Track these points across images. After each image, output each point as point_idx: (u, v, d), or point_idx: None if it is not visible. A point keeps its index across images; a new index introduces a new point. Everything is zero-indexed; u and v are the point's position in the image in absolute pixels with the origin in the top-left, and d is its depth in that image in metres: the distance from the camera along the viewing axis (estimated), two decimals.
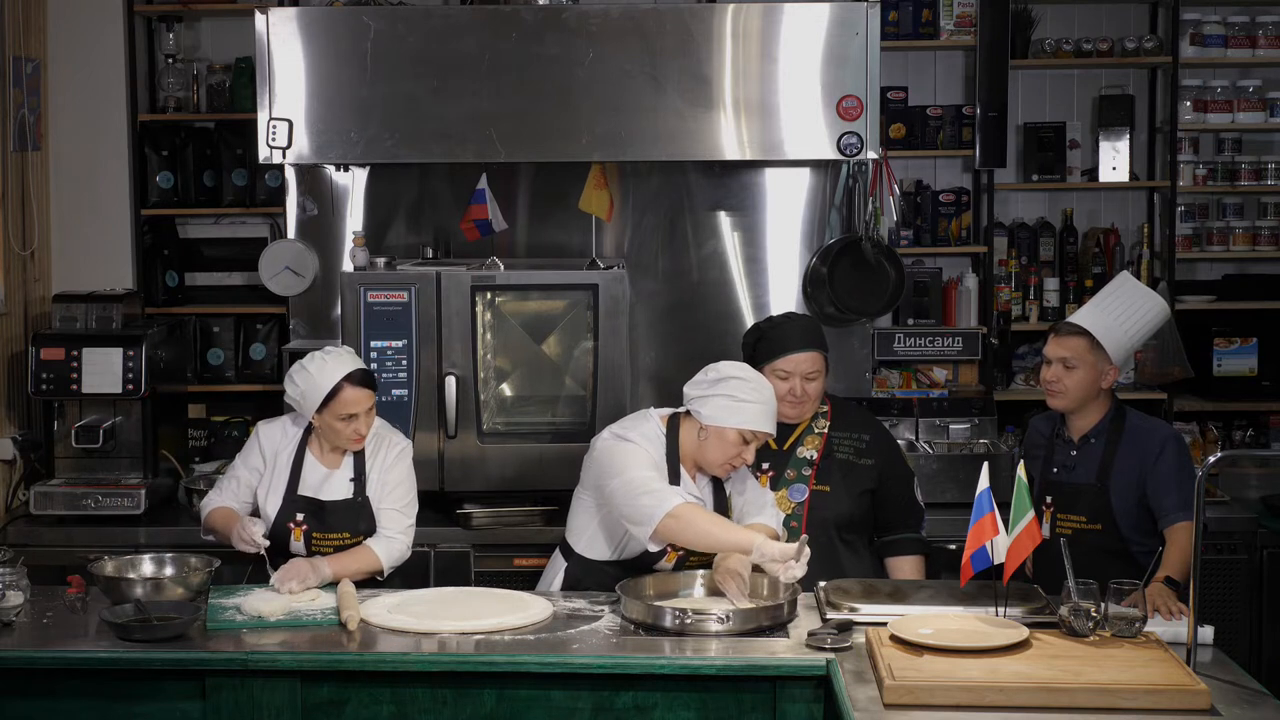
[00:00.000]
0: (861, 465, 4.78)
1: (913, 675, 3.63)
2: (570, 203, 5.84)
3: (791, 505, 4.68)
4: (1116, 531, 4.48)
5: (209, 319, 6.29)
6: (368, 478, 4.64)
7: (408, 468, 4.71)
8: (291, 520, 4.59)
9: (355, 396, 4.54)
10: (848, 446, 4.80)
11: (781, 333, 4.78)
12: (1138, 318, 4.56)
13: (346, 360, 4.59)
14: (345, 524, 4.60)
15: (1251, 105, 6.39)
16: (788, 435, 4.76)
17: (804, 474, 4.72)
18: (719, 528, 4.30)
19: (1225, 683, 3.73)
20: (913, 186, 6.44)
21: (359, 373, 4.57)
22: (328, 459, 4.66)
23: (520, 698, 3.98)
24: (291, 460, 4.65)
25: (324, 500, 4.61)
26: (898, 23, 6.27)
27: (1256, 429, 6.48)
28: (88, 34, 6.14)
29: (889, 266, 5.80)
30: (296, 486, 4.62)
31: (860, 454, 4.79)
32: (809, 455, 4.75)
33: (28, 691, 4.02)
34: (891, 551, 4.82)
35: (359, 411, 4.55)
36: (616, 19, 5.46)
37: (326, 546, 4.57)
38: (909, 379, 6.28)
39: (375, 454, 4.67)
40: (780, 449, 4.73)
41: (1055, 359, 4.56)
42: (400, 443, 4.74)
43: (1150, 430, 4.54)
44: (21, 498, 5.81)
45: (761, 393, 4.40)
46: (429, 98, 5.45)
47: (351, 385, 4.54)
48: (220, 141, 6.31)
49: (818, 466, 4.74)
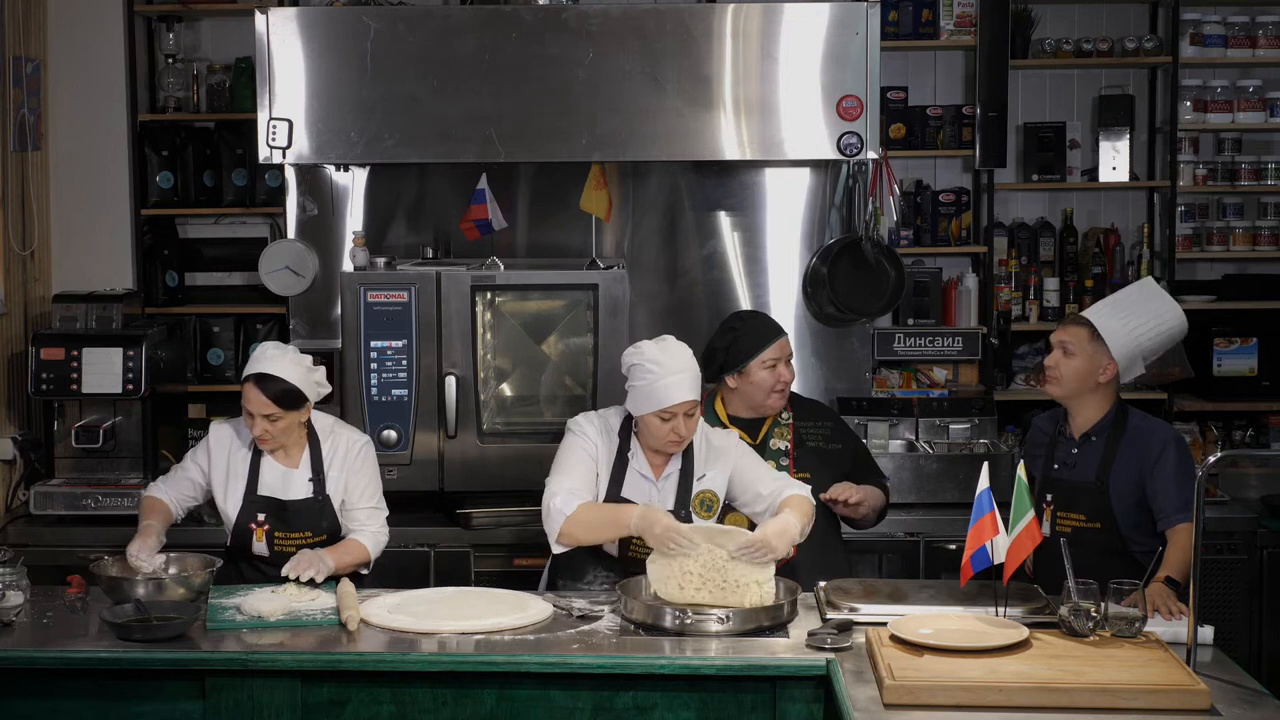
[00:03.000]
0: (832, 450, 4.85)
1: (913, 675, 3.63)
2: (570, 203, 5.84)
3: None
4: (1115, 530, 4.48)
5: (209, 319, 6.28)
6: (326, 475, 4.63)
7: (373, 465, 4.70)
8: (253, 521, 4.59)
9: (250, 394, 4.49)
10: (816, 435, 4.85)
11: (755, 325, 4.82)
12: (1151, 323, 4.54)
13: (279, 363, 4.51)
14: (308, 523, 4.61)
15: (1251, 105, 6.38)
16: (757, 430, 4.78)
17: (782, 464, 4.74)
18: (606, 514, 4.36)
19: (1225, 683, 3.73)
20: (913, 186, 6.44)
21: (273, 380, 4.48)
22: (283, 458, 4.64)
23: (520, 698, 3.98)
24: (249, 460, 4.64)
25: (285, 500, 4.60)
26: (898, 23, 6.27)
27: (1256, 429, 6.47)
28: (88, 34, 6.14)
29: (889, 266, 5.80)
30: (256, 487, 4.62)
31: (828, 440, 4.86)
32: (782, 446, 4.78)
33: (28, 691, 4.02)
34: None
35: (253, 412, 4.50)
36: (616, 19, 5.47)
37: (289, 546, 4.57)
38: (909, 379, 6.28)
39: (333, 452, 4.65)
40: (754, 443, 4.74)
41: (1056, 343, 4.58)
42: (359, 440, 4.71)
43: (1151, 430, 4.54)
44: (21, 498, 5.81)
45: (664, 365, 4.38)
46: (429, 98, 5.45)
47: (254, 385, 4.48)
48: (220, 141, 6.30)
49: (793, 456, 4.76)
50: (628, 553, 4.49)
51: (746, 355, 4.72)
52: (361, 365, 5.39)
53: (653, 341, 4.49)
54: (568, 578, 4.56)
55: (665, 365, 4.38)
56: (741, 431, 4.73)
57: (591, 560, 4.53)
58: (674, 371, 4.38)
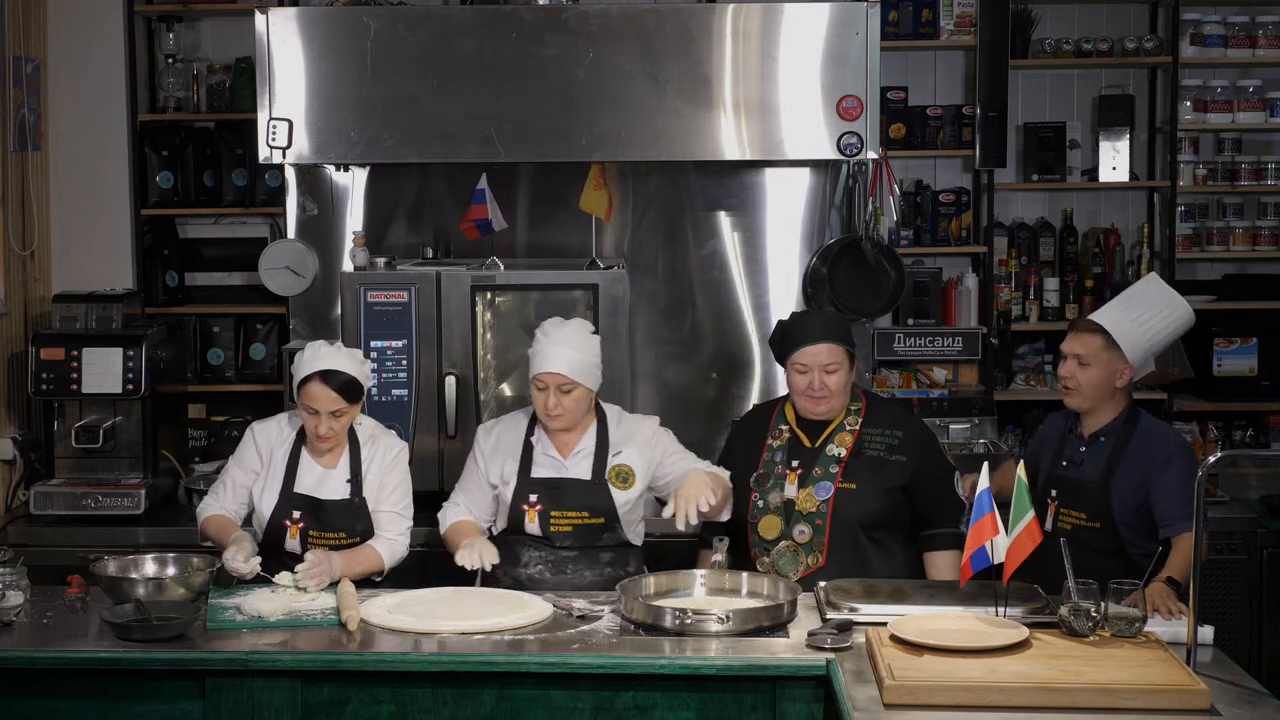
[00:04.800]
0: (892, 462, 4.69)
1: (913, 675, 3.63)
2: (570, 203, 5.84)
3: (816, 503, 4.63)
4: (1114, 531, 4.48)
5: (209, 319, 6.29)
6: (364, 478, 4.64)
7: (405, 470, 4.73)
8: (287, 518, 4.59)
9: (317, 392, 4.52)
10: (879, 443, 4.72)
11: (801, 326, 4.75)
12: (1161, 321, 4.54)
13: (336, 358, 4.56)
14: (342, 524, 4.61)
15: (1251, 105, 6.39)
16: (819, 433, 4.72)
17: (830, 471, 4.67)
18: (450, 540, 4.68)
19: (1225, 683, 3.73)
20: (913, 186, 6.44)
21: (337, 374, 4.53)
22: (323, 458, 4.66)
23: (520, 698, 3.98)
24: (287, 458, 4.65)
25: (321, 499, 4.61)
26: (898, 23, 6.27)
27: (1256, 429, 6.48)
28: (88, 34, 6.14)
29: (889, 266, 5.80)
30: (293, 484, 4.62)
31: (892, 450, 4.70)
32: (838, 453, 4.68)
33: (28, 691, 4.02)
34: (929, 546, 4.75)
35: (320, 410, 4.53)
36: (616, 19, 5.46)
37: (322, 545, 4.57)
38: (909, 379, 6.28)
39: (372, 455, 4.67)
40: (811, 446, 4.71)
41: (1070, 355, 4.56)
42: (396, 445, 4.75)
43: (1159, 436, 4.53)
44: (21, 498, 5.80)
45: (550, 337, 4.61)
46: (429, 98, 5.45)
47: (320, 381, 4.52)
48: (220, 141, 6.31)
49: (845, 464, 4.67)
50: (549, 527, 4.61)
51: (787, 351, 4.71)
52: None
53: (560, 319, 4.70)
54: (505, 564, 4.63)
55: (551, 336, 4.60)
56: (802, 434, 4.70)
57: (519, 543, 4.65)
58: (556, 343, 4.57)
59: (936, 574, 4.69)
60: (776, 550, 4.62)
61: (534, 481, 4.64)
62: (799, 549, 4.61)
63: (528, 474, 4.65)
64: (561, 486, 4.62)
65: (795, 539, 4.61)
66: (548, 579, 4.59)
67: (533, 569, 4.62)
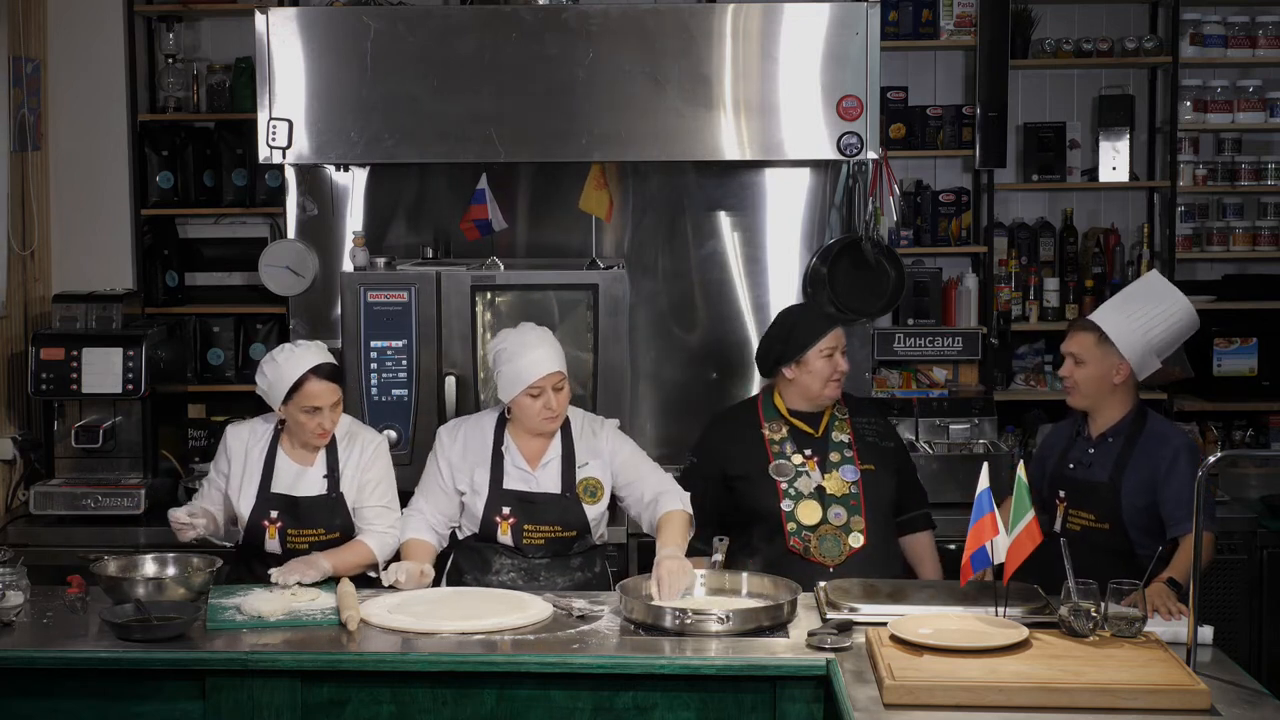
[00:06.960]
0: (886, 448, 4.85)
1: (913, 675, 3.63)
2: (570, 203, 5.84)
3: (847, 485, 4.71)
4: (1123, 532, 4.48)
5: (209, 319, 6.29)
6: (341, 474, 4.63)
7: (386, 463, 4.72)
8: (265, 518, 4.59)
9: (319, 389, 4.53)
10: (871, 431, 4.85)
11: (811, 316, 4.86)
12: (1159, 316, 4.54)
13: (314, 353, 4.59)
14: (320, 520, 4.60)
15: (1251, 105, 6.38)
16: (818, 423, 4.79)
17: (847, 455, 4.75)
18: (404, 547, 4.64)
19: (1225, 683, 3.73)
20: (913, 186, 6.44)
21: (326, 366, 4.57)
22: (300, 456, 4.65)
23: (520, 698, 3.98)
24: (264, 458, 4.65)
25: (298, 497, 4.61)
26: (898, 23, 6.26)
27: (1256, 429, 6.47)
28: (88, 34, 6.14)
29: (889, 266, 5.80)
30: (270, 484, 4.62)
31: (881, 437, 4.87)
32: (844, 439, 4.78)
33: (28, 691, 4.02)
34: (909, 529, 4.89)
35: (323, 405, 4.54)
36: (616, 19, 5.46)
37: (301, 543, 4.58)
38: (909, 379, 6.28)
39: (349, 451, 4.66)
40: (816, 434, 4.78)
41: (1066, 354, 4.59)
42: (375, 439, 4.74)
43: (1166, 436, 4.53)
44: (21, 498, 5.81)
45: (524, 343, 4.56)
46: (429, 98, 5.45)
47: (316, 378, 4.53)
48: (220, 141, 6.30)
49: (856, 448, 4.77)
50: (521, 540, 4.59)
51: (804, 345, 4.73)
52: (361, 365, 5.39)
53: (511, 328, 4.67)
54: (475, 570, 4.63)
55: (525, 343, 4.57)
56: (803, 424, 4.76)
57: (491, 550, 4.63)
58: (533, 347, 4.55)
59: (920, 555, 4.88)
60: (818, 534, 4.65)
61: (507, 494, 4.62)
62: (838, 531, 4.66)
63: (500, 486, 4.63)
64: (535, 501, 4.61)
65: (832, 522, 4.66)
66: (520, 586, 4.57)
67: (504, 576, 4.61)
